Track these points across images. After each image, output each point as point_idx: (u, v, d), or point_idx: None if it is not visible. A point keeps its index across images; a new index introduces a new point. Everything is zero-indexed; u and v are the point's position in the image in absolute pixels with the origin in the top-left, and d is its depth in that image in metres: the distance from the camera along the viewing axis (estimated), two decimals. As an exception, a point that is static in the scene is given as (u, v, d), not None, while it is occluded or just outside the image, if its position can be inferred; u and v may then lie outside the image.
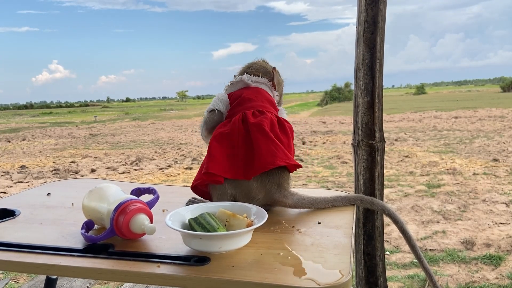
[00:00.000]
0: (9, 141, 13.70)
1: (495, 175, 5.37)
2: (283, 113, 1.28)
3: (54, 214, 1.21)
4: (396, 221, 1.08)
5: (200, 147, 9.96)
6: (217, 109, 1.24)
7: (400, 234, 1.03)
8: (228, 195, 1.11)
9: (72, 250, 0.91)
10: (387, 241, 3.13)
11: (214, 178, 1.09)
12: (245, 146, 1.11)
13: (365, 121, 1.66)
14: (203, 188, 1.17)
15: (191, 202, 1.20)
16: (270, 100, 1.25)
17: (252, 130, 1.11)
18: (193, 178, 1.17)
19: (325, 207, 1.14)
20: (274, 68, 1.33)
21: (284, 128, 1.18)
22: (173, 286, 0.81)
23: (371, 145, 1.67)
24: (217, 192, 1.12)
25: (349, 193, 1.32)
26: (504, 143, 8.18)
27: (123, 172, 6.89)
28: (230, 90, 1.29)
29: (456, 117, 15.01)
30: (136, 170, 7.10)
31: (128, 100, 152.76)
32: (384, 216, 1.79)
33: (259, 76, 1.30)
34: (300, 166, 1.14)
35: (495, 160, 6.39)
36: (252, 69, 1.33)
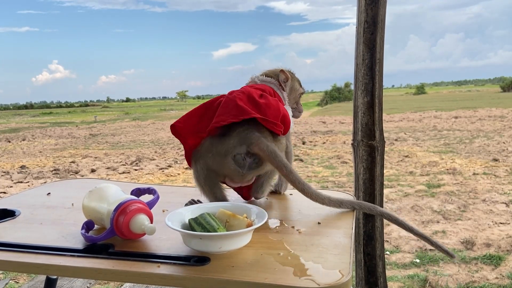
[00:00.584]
0: (9, 141, 13.70)
1: (495, 175, 5.37)
2: (289, 110, 1.27)
3: (54, 214, 1.21)
4: (398, 223, 1.08)
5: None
6: None
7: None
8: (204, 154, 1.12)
9: (72, 250, 0.91)
10: (387, 241, 3.13)
11: (176, 130, 1.14)
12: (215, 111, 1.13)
13: (365, 121, 1.66)
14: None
15: (190, 203, 1.20)
16: (271, 93, 1.25)
17: (225, 97, 1.14)
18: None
19: (316, 198, 1.08)
20: (282, 70, 1.33)
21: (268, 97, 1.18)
22: (173, 286, 0.81)
23: (371, 145, 1.67)
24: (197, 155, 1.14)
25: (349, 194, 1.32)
26: (504, 143, 8.18)
27: (123, 172, 6.89)
28: None
29: (456, 117, 15.01)
30: (136, 170, 7.11)
31: (128, 100, 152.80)
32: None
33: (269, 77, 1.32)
34: (274, 123, 1.10)
35: (495, 160, 6.39)
36: (267, 71, 1.36)
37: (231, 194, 1.24)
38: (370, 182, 1.67)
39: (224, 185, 1.19)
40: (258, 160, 1.09)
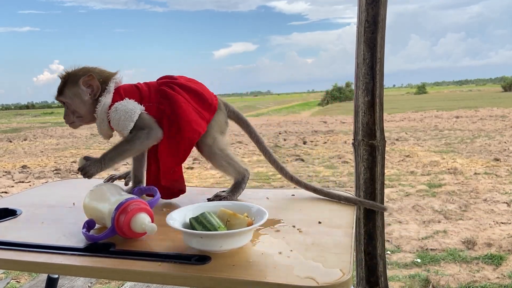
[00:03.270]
0: (11, 141, 13.72)
1: (496, 175, 5.36)
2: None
3: (55, 213, 1.21)
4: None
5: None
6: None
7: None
8: None
9: (73, 249, 0.91)
10: (388, 241, 3.13)
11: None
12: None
13: (366, 120, 1.65)
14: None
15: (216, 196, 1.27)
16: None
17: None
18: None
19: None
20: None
21: None
22: (174, 285, 0.81)
23: (372, 144, 1.66)
24: None
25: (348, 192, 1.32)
26: (505, 142, 8.17)
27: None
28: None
29: (457, 117, 14.99)
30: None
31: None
32: (385, 216, 1.79)
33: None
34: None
35: (496, 159, 6.38)
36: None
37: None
38: (371, 182, 1.66)
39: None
40: None
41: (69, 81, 1.26)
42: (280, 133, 12.30)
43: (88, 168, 1.17)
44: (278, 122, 17.36)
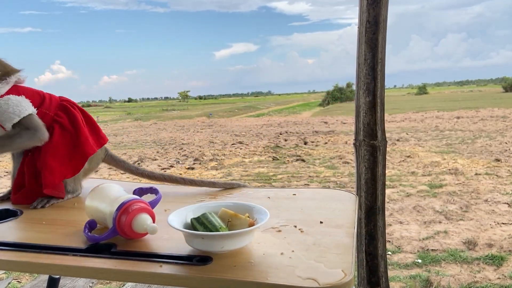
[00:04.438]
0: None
1: (497, 175, 5.36)
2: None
3: (56, 214, 1.21)
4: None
5: (202, 147, 9.97)
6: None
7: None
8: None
9: (74, 250, 0.91)
10: (389, 241, 3.13)
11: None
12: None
13: (367, 121, 1.66)
14: None
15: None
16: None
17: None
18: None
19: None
20: None
21: None
22: (175, 285, 0.81)
23: (373, 145, 1.67)
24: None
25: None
26: (506, 143, 8.16)
27: (125, 172, 6.89)
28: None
29: (458, 117, 14.99)
30: (138, 170, 7.12)
31: (130, 100, 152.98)
32: (385, 216, 1.79)
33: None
34: None
35: (497, 160, 6.38)
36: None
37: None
38: (372, 182, 1.67)
39: None
40: None
41: None
42: (281, 134, 12.30)
43: None
44: (279, 123, 17.38)
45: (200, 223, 0.89)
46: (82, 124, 1.33)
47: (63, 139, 1.28)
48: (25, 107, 1.24)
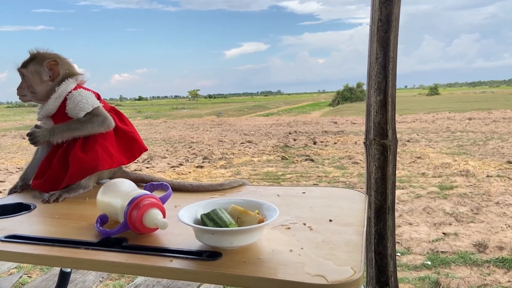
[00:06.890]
0: (24, 138, 13.90)
1: (509, 178, 5.29)
2: None
3: (68, 208, 1.23)
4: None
5: (211, 146, 9.99)
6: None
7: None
8: None
9: (86, 244, 0.92)
10: (398, 243, 3.11)
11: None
12: None
13: (378, 120, 1.65)
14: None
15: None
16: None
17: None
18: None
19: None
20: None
21: None
22: (185, 280, 0.82)
23: (384, 144, 1.66)
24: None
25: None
26: (518, 145, 8.05)
27: (135, 170, 6.95)
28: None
29: (469, 119, 14.81)
30: (147, 168, 7.16)
31: (140, 98, 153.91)
32: (396, 216, 1.78)
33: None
34: None
35: (509, 162, 6.30)
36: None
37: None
38: (382, 181, 1.66)
39: None
40: None
41: (36, 58, 1.38)
42: (290, 133, 12.28)
43: (36, 134, 1.31)
44: (288, 122, 17.34)
45: (210, 219, 0.89)
46: (131, 125, 1.49)
47: (121, 131, 1.43)
48: (95, 100, 1.38)
